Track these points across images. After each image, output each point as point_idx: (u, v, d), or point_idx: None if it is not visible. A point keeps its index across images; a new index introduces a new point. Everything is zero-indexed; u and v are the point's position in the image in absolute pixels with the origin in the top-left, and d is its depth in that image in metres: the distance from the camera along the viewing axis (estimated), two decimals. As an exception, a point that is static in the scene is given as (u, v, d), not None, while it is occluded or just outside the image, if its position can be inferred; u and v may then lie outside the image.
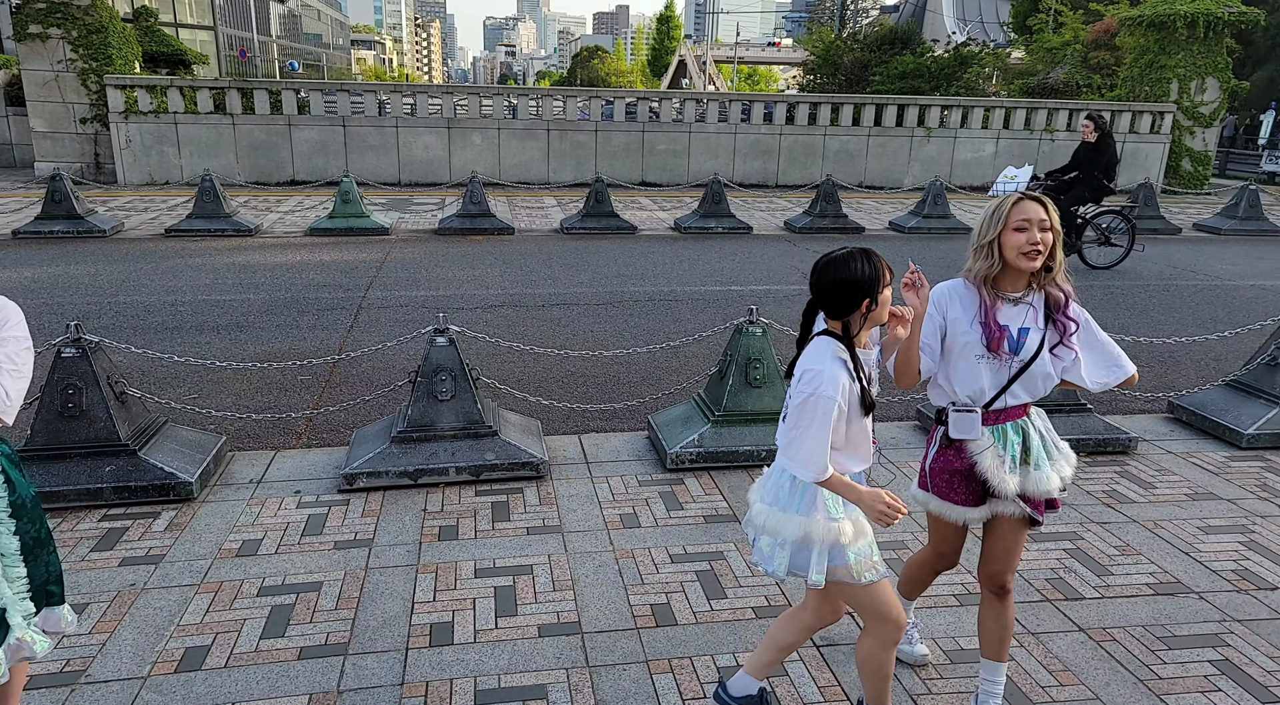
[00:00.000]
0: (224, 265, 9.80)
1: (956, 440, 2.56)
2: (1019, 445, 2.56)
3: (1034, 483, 2.54)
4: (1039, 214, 2.45)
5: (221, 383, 5.99)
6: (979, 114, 19.40)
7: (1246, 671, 3.03)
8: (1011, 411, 2.56)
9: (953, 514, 2.61)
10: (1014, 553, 2.62)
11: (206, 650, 3.04)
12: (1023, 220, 2.45)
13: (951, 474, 2.59)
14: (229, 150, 16.78)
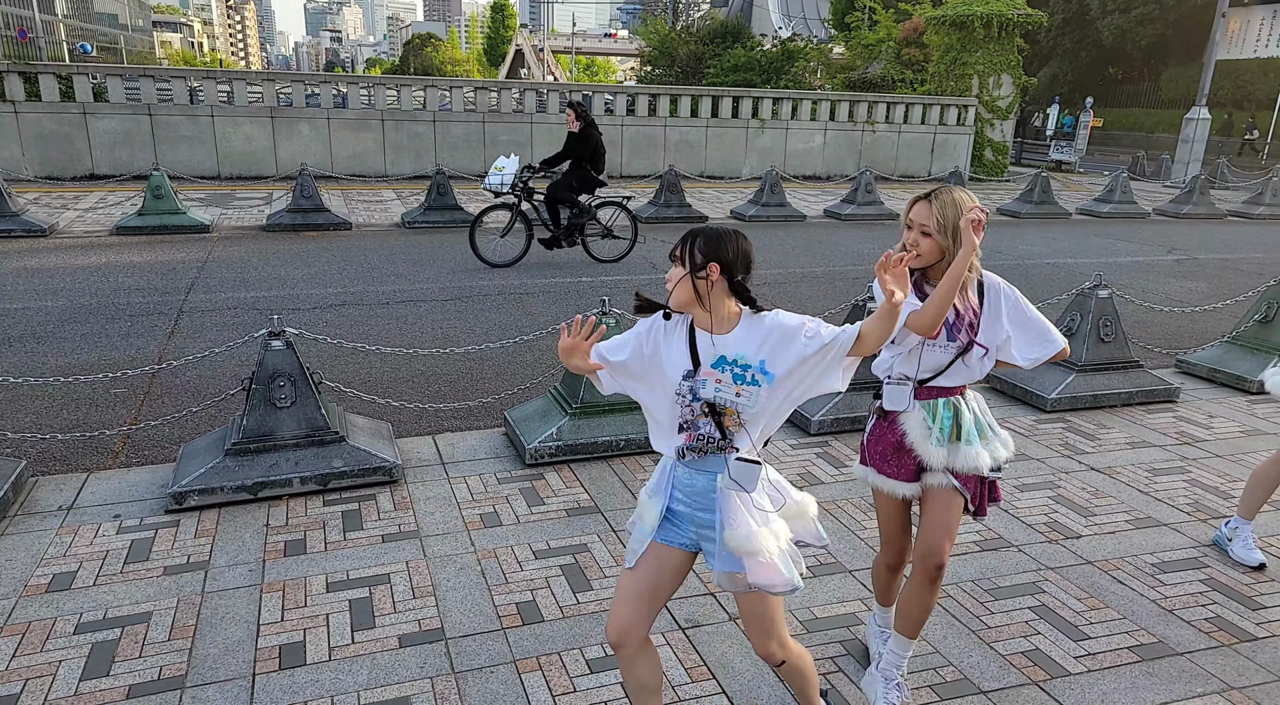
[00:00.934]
0: (12, 270, 8.77)
1: (889, 412, 2.63)
2: (950, 420, 2.59)
3: (962, 458, 2.56)
4: (920, 217, 2.49)
5: (17, 401, 5.36)
6: (807, 106, 20.33)
7: (1060, 614, 3.33)
8: (945, 390, 2.61)
9: (886, 486, 2.66)
10: (947, 527, 2.59)
11: (15, 699, 2.70)
12: (908, 219, 2.52)
13: (885, 447, 2.65)
14: (12, 141, 15.04)
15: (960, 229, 2.39)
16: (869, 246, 11.95)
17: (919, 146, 21.30)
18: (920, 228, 2.48)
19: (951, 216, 2.44)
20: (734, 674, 2.93)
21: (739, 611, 2.40)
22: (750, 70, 27.87)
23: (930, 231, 2.46)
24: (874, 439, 2.69)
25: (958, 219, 2.42)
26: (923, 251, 2.49)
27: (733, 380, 2.13)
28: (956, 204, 2.45)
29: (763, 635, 2.30)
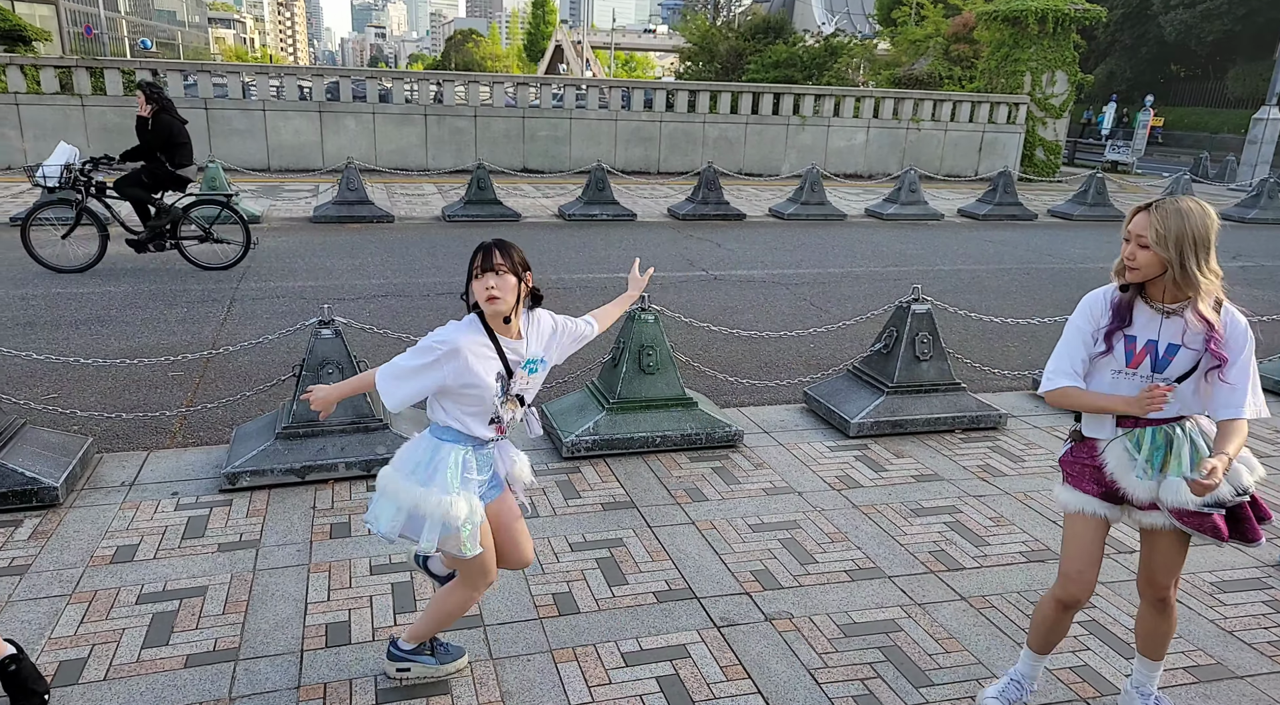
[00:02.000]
0: (77, 256, 9.09)
1: (1089, 438, 2.51)
2: (1161, 451, 2.38)
3: (1165, 490, 2.35)
4: (1139, 227, 2.32)
5: (84, 381, 5.59)
6: (850, 103, 20.18)
7: (1111, 630, 3.28)
8: (1155, 419, 2.40)
9: (1078, 502, 2.50)
10: (1167, 566, 2.49)
11: (83, 663, 2.86)
12: (1127, 230, 2.37)
13: (1083, 466, 2.52)
14: (79, 133, 15.54)
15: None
16: (911, 247, 11.87)
17: (966, 145, 21.02)
18: (1139, 239, 2.31)
19: (1174, 227, 2.25)
20: (770, 675, 2.97)
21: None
22: (792, 67, 27.73)
23: (1149, 244, 2.29)
24: (1070, 461, 2.56)
25: (1181, 230, 2.25)
26: (1140, 265, 2.32)
27: (528, 374, 2.55)
28: (1181, 214, 2.26)
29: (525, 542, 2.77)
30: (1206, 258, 2.28)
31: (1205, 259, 2.28)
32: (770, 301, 8.53)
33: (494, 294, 2.38)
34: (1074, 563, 2.52)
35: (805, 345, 7.14)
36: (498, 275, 2.38)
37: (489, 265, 2.39)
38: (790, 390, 6.01)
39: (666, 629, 3.19)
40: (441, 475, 2.42)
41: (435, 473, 2.43)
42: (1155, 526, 2.47)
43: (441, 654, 2.85)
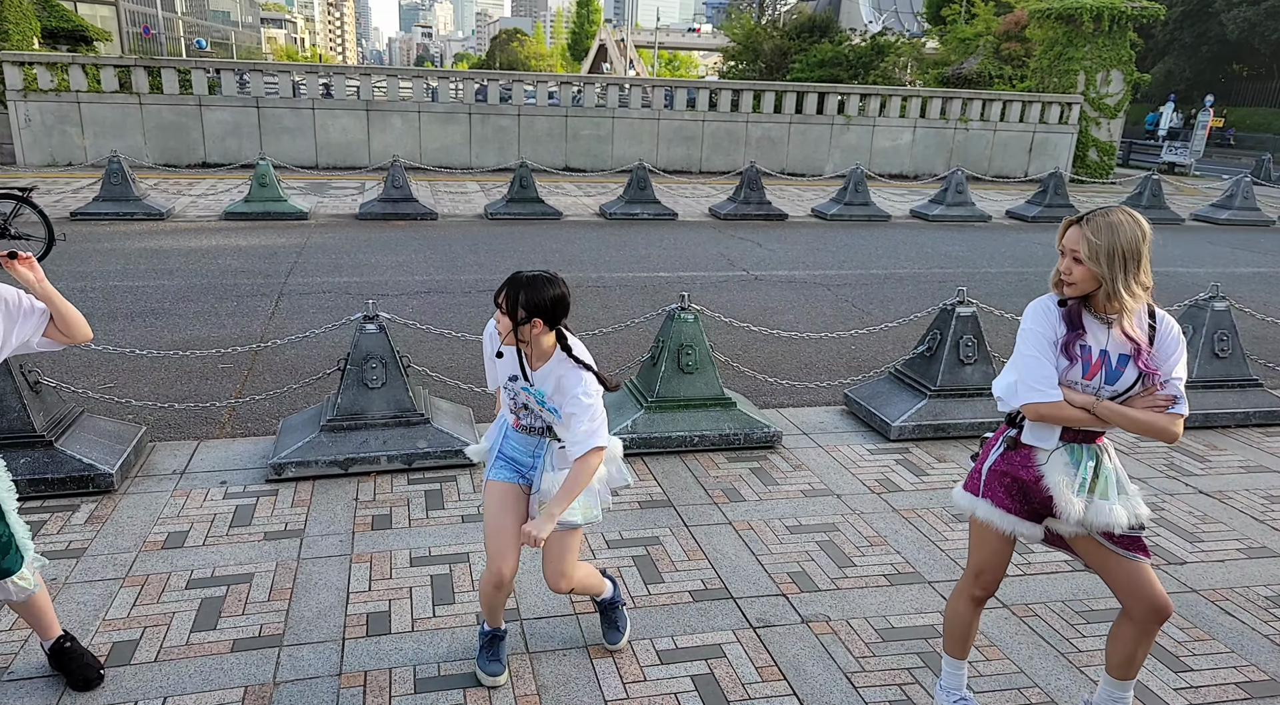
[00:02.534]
0: (135, 250, 9.38)
1: (1025, 445, 2.43)
2: (1090, 470, 2.39)
3: (1094, 513, 2.36)
4: (1071, 242, 2.30)
5: (139, 372, 5.76)
6: (896, 103, 19.93)
7: (1159, 642, 3.20)
8: (1090, 434, 2.41)
9: (1003, 523, 2.44)
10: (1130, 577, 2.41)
11: (135, 644, 2.96)
12: (1060, 244, 2.34)
13: (1012, 481, 2.45)
14: (136, 131, 16.00)
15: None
16: (957, 248, 11.70)
17: (1016, 146, 20.64)
18: (1072, 253, 2.29)
19: (1105, 242, 2.22)
20: (806, 677, 2.96)
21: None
22: (837, 66, 27.45)
23: (1081, 258, 2.26)
24: (999, 471, 2.47)
25: (1112, 244, 2.22)
26: (1076, 280, 2.30)
27: (538, 402, 2.66)
28: (1112, 228, 2.23)
29: (555, 570, 2.77)
30: (1136, 272, 2.27)
31: (1135, 274, 2.26)
32: (811, 302, 8.48)
33: (498, 330, 2.63)
34: (988, 567, 2.56)
35: (846, 347, 7.08)
36: (500, 313, 2.58)
37: (496, 300, 2.58)
38: (830, 392, 5.96)
39: (702, 628, 3.20)
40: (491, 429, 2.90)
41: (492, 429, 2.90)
42: (1076, 534, 2.45)
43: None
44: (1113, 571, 2.45)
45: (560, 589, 2.80)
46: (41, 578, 2.70)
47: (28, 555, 2.60)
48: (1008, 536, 2.49)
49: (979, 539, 2.56)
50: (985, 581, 2.59)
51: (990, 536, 2.51)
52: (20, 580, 2.57)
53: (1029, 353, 2.36)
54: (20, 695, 2.70)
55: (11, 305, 2.48)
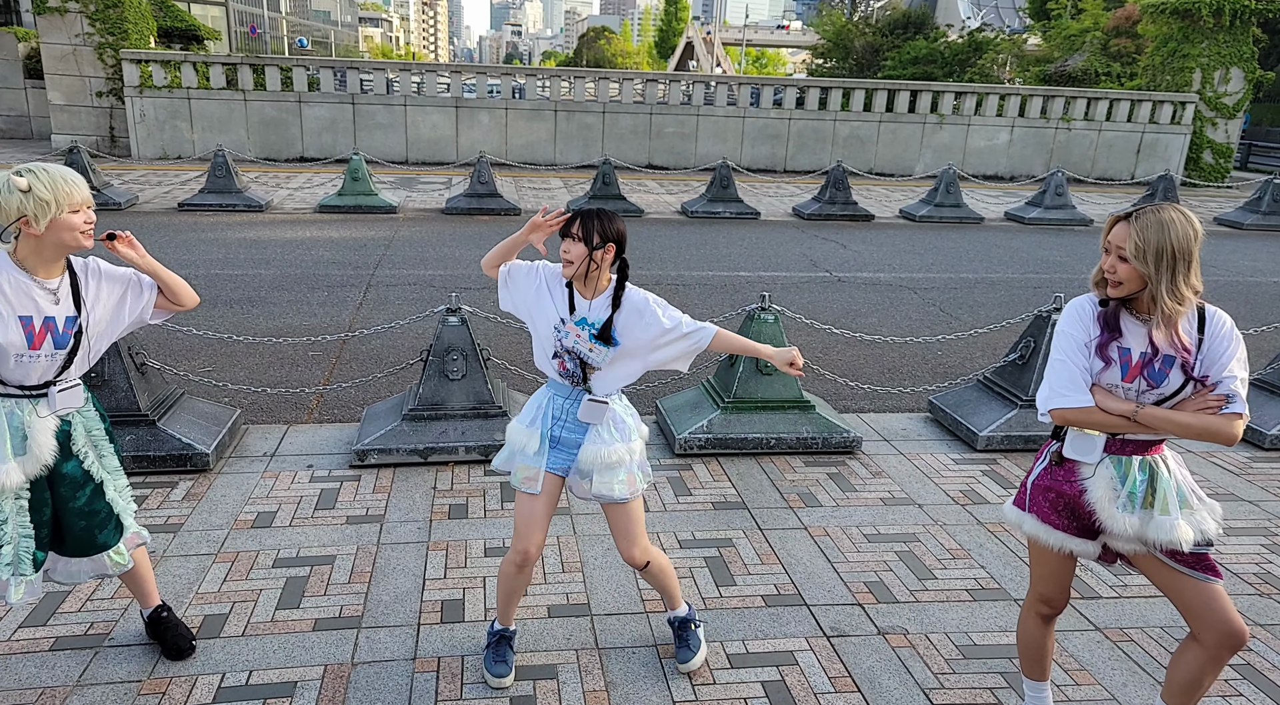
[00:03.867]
0: (236, 240, 9.81)
1: (1069, 460, 2.33)
2: (1143, 484, 2.26)
3: (1155, 529, 2.22)
4: (1118, 239, 2.17)
5: (235, 356, 6.02)
6: (994, 101, 19.28)
7: (1269, 677, 3.00)
8: (1140, 445, 2.27)
9: (1050, 538, 2.34)
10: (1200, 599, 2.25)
11: (224, 618, 3.08)
12: (1106, 241, 2.23)
13: (1057, 495, 2.35)
14: (240, 126, 16.75)
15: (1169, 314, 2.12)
16: (1054, 253, 11.23)
17: (1122, 146, 19.70)
18: (1118, 250, 2.17)
19: (1154, 241, 2.09)
20: (881, 690, 2.87)
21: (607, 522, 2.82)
22: (931, 63, 26.75)
23: (1127, 256, 2.14)
24: (1042, 485, 2.38)
25: (1161, 243, 2.08)
26: (1122, 278, 2.17)
27: (588, 338, 2.60)
28: (1163, 226, 2.09)
29: (626, 542, 2.76)
30: (1186, 274, 2.13)
31: (1185, 275, 2.12)
32: (896, 306, 8.26)
33: (566, 258, 2.60)
34: (1048, 583, 2.46)
35: (932, 352, 6.87)
36: (573, 241, 2.57)
37: (566, 231, 2.59)
38: (914, 398, 5.80)
39: (774, 634, 3.14)
40: (527, 408, 2.78)
41: (526, 407, 2.79)
42: (1137, 553, 2.32)
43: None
44: (1181, 593, 2.30)
45: (637, 561, 2.77)
46: (144, 551, 2.81)
47: (127, 533, 2.68)
48: (1062, 553, 2.38)
49: (1036, 555, 2.47)
50: (1048, 598, 2.49)
51: (1044, 552, 2.42)
52: (115, 555, 2.67)
53: (1057, 356, 2.28)
54: (119, 661, 2.84)
55: (130, 285, 2.58)
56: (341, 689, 2.75)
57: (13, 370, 2.40)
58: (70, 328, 2.44)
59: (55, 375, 2.47)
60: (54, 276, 2.43)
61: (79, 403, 2.55)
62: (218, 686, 2.74)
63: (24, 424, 2.44)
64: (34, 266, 2.39)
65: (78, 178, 2.36)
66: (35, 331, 2.38)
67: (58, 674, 2.76)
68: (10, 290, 2.35)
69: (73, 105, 16.89)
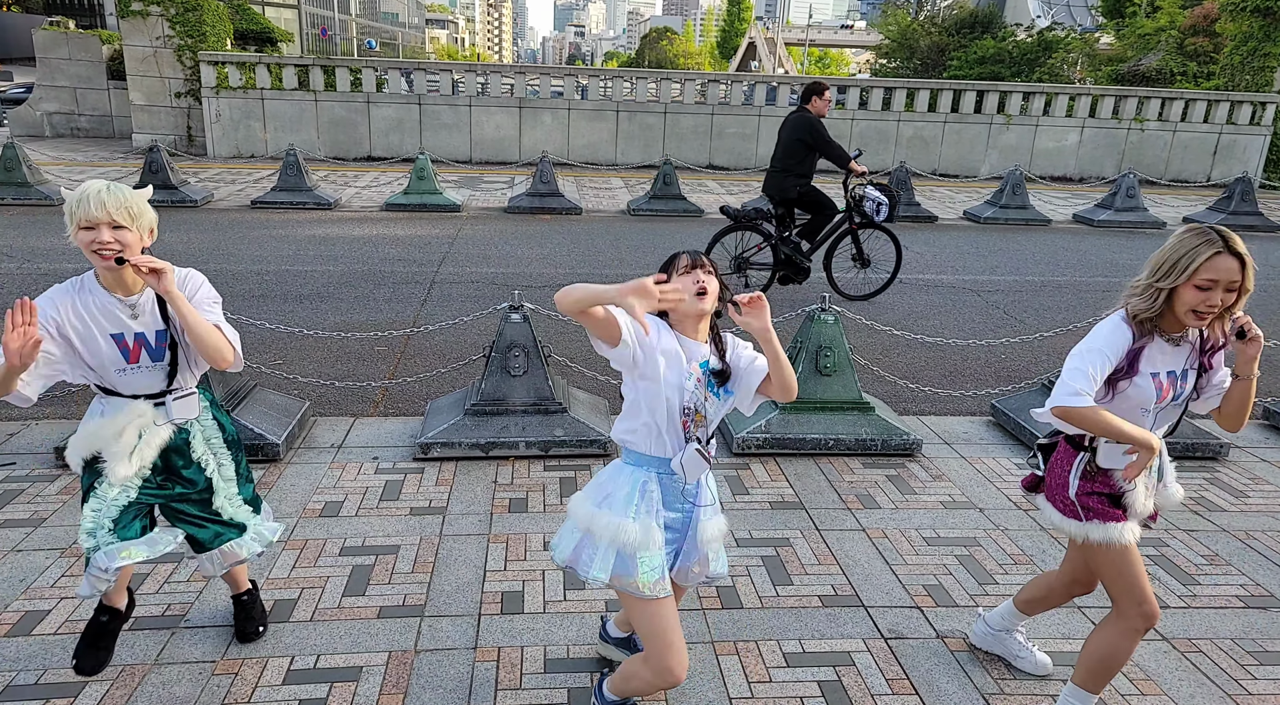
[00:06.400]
0: (306, 237, 10.11)
1: (1103, 470, 2.43)
2: (1158, 464, 2.48)
3: (1166, 499, 2.50)
4: (1230, 274, 2.17)
5: (304, 350, 6.21)
6: (1063, 102, 18.75)
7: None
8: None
9: (1125, 534, 2.39)
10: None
11: (294, 603, 3.19)
12: (1209, 279, 2.19)
13: (1101, 496, 2.44)
14: (311, 126, 17.23)
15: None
16: (1124, 256, 10.89)
17: (1198, 147, 18.97)
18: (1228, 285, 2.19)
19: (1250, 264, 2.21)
20: (940, 694, 2.84)
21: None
22: (999, 63, 26.13)
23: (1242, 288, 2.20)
24: (1086, 494, 2.44)
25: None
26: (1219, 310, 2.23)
27: (706, 387, 2.27)
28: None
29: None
30: None
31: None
32: (959, 308, 8.11)
33: (704, 287, 2.21)
34: (1146, 585, 2.44)
35: (995, 356, 6.73)
36: (706, 273, 2.24)
37: (698, 263, 2.26)
38: (976, 402, 5.69)
39: (831, 634, 3.13)
40: (619, 495, 2.27)
41: (614, 493, 2.29)
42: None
43: None
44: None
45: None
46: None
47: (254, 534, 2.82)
48: (1135, 543, 2.43)
49: (1118, 561, 2.42)
50: (1149, 601, 2.43)
51: (1124, 553, 2.41)
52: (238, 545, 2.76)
53: (1078, 366, 2.30)
54: (195, 642, 2.97)
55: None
56: (405, 675, 2.83)
57: (120, 383, 2.49)
58: (163, 341, 2.49)
59: (168, 385, 2.55)
60: (132, 293, 2.44)
61: (193, 412, 2.61)
62: (287, 669, 2.84)
63: (143, 427, 2.53)
64: (109, 284, 2.43)
65: (101, 195, 2.29)
66: (129, 347, 2.45)
67: (137, 652, 2.89)
68: (98, 310, 2.41)
69: (152, 105, 17.58)
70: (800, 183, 7.90)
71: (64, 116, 19.23)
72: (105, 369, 2.46)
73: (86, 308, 2.40)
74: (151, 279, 2.30)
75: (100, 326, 2.41)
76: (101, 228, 2.28)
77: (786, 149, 7.88)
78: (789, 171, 7.90)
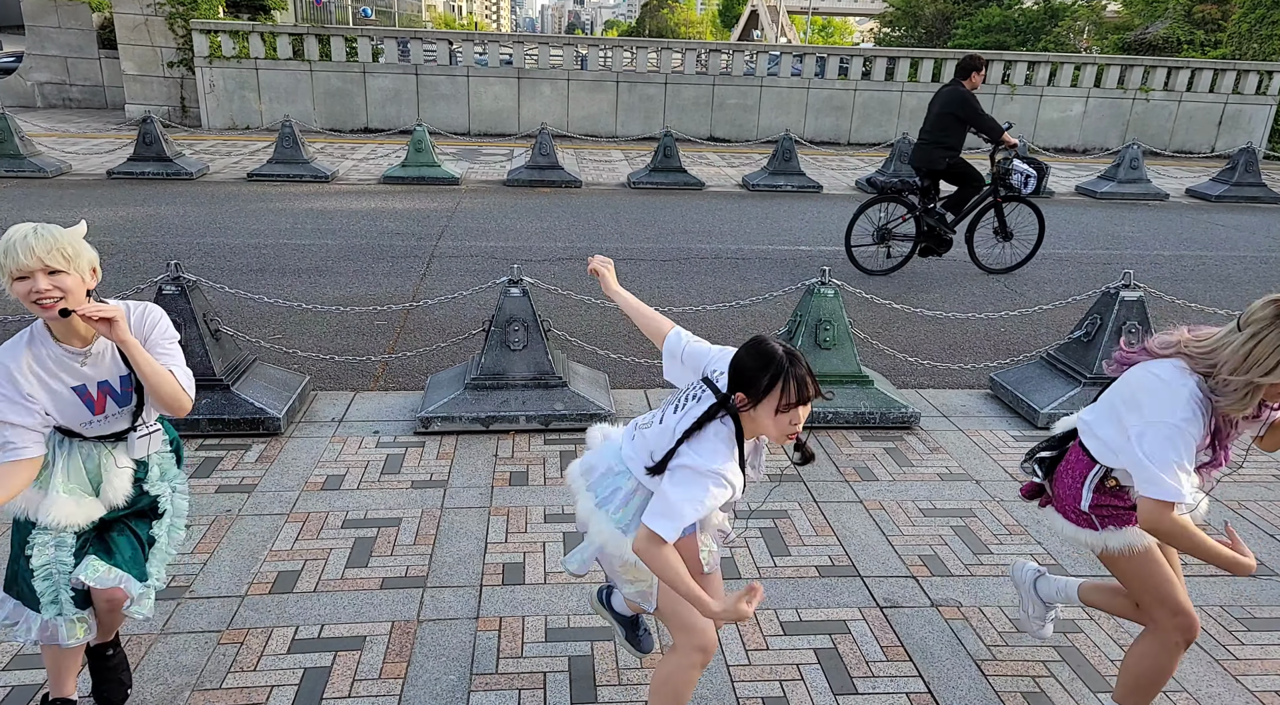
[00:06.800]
0: (303, 210, 10.07)
1: (1121, 486, 2.35)
2: None
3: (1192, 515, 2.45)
4: None
5: (304, 324, 6.22)
6: (1069, 71, 18.57)
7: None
8: None
9: (1140, 537, 2.32)
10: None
11: (297, 575, 3.23)
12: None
13: (1114, 508, 2.36)
14: (306, 97, 17.07)
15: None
16: (1127, 229, 10.85)
17: (1203, 118, 18.80)
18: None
19: None
20: (933, 660, 2.90)
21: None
22: (1004, 31, 25.80)
23: None
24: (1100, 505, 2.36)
25: None
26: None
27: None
28: None
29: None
30: None
31: None
32: (959, 281, 8.10)
33: (798, 432, 2.01)
34: (1182, 593, 2.34)
35: (994, 329, 6.74)
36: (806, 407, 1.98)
37: (806, 397, 1.95)
38: (975, 375, 5.71)
39: (827, 603, 3.17)
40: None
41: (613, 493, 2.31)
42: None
43: None
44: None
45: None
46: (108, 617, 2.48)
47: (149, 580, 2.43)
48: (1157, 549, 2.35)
49: (1147, 566, 2.32)
50: (1189, 611, 2.33)
51: (1150, 555, 2.32)
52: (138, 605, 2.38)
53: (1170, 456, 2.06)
54: (200, 612, 3.02)
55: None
56: (408, 644, 2.88)
57: (85, 430, 2.30)
58: (128, 386, 2.31)
59: (132, 423, 2.35)
60: (87, 342, 2.23)
61: (159, 447, 2.44)
62: (292, 638, 2.89)
63: (98, 468, 2.34)
64: (61, 334, 2.21)
65: (29, 240, 2.05)
66: (94, 398, 2.26)
67: (143, 623, 2.92)
68: (54, 364, 2.20)
69: (145, 75, 17.39)
70: (949, 155, 8.02)
71: (55, 87, 19.04)
72: (70, 422, 2.26)
73: (42, 362, 2.19)
74: (103, 327, 2.09)
75: (61, 381, 2.21)
76: (36, 275, 2.05)
77: (937, 122, 8.02)
78: (939, 144, 8.04)
